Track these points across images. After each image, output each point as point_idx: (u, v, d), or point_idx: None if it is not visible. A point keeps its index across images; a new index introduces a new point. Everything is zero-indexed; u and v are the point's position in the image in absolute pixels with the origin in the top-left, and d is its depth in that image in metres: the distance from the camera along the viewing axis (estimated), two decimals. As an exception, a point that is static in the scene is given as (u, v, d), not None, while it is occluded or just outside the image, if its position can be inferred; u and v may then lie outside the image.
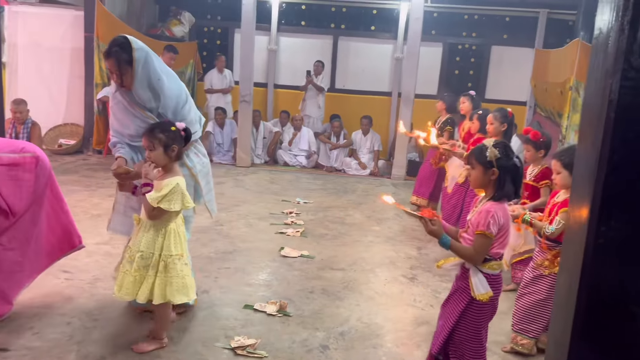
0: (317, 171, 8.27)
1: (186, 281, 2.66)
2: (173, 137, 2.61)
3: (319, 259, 4.33)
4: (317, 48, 10.04)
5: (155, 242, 2.62)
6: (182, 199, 2.60)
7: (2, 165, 2.73)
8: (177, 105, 2.87)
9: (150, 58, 2.77)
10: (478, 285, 2.30)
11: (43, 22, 8.26)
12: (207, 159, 3.22)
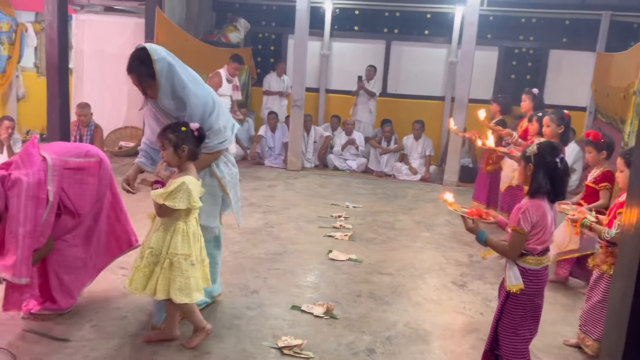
0: (367, 176, 8.25)
1: (190, 282, 2.64)
2: (183, 137, 2.61)
3: (366, 263, 4.32)
4: (370, 53, 10.04)
5: (164, 239, 2.64)
6: (188, 198, 2.58)
7: (69, 169, 2.88)
8: (204, 113, 2.78)
9: (173, 67, 2.70)
10: (511, 277, 2.40)
11: (107, 29, 8.64)
12: (236, 168, 3.14)
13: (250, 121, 9.35)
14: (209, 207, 2.97)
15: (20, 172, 2.72)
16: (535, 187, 2.38)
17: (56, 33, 5.80)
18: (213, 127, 2.82)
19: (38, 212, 2.69)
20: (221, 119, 2.89)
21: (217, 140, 2.87)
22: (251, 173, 7.81)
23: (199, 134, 2.66)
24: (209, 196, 2.94)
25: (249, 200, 6.14)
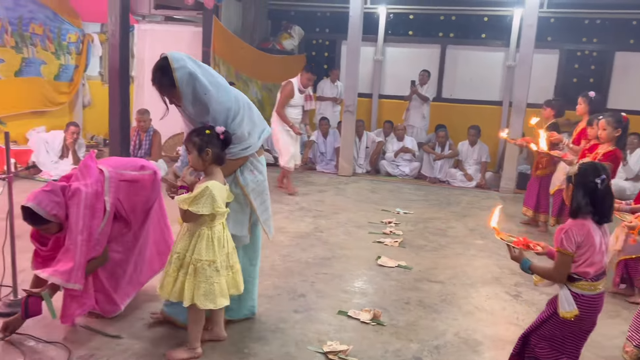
0: (420, 182, 8.12)
1: (214, 288, 2.61)
2: (207, 141, 2.58)
3: (416, 270, 4.24)
4: (424, 57, 9.93)
5: (189, 244, 2.64)
6: (211, 203, 2.54)
7: (124, 181, 2.99)
8: (226, 119, 2.75)
9: (193, 74, 2.63)
10: (563, 301, 2.31)
11: (167, 38, 8.93)
12: (263, 176, 3.02)
13: (303, 127, 9.39)
14: (236, 215, 2.90)
15: (80, 183, 2.84)
16: (575, 207, 2.32)
17: (118, 42, 6.05)
18: (236, 133, 2.76)
19: (94, 221, 2.79)
20: (245, 124, 2.82)
21: (240, 147, 2.80)
22: (302, 178, 7.86)
23: (225, 138, 2.63)
24: (236, 204, 2.88)
25: (300, 204, 6.17)
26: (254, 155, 2.93)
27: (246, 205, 2.94)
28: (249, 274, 3.11)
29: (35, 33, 7.90)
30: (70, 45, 8.66)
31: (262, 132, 2.96)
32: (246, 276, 3.05)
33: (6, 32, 7.34)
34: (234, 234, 2.87)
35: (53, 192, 2.77)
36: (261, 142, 2.95)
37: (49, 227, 2.79)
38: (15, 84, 7.60)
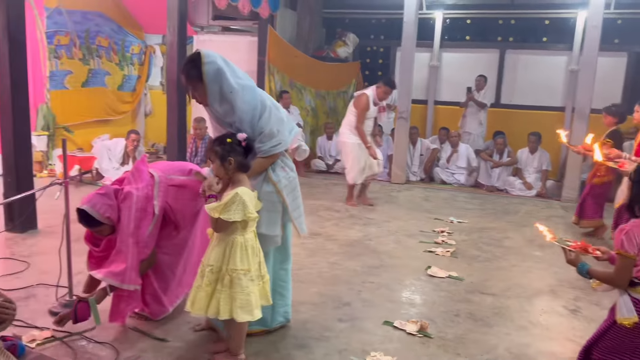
0: (476, 190, 7.89)
1: (250, 298, 2.55)
2: (229, 150, 2.55)
3: (468, 282, 4.10)
4: (482, 63, 9.68)
5: (222, 255, 2.56)
6: (243, 209, 2.49)
7: (173, 185, 3.05)
8: (253, 118, 2.74)
9: (222, 70, 2.65)
10: (622, 307, 2.16)
11: (223, 48, 9.12)
12: (294, 173, 3.00)
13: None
14: (269, 214, 2.86)
15: (132, 186, 2.93)
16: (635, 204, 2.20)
17: (176, 52, 6.23)
18: (264, 131, 2.75)
19: (144, 223, 2.87)
20: (273, 122, 2.80)
21: (270, 144, 2.79)
22: (355, 185, 7.81)
23: (247, 145, 2.59)
24: (268, 202, 2.84)
25: (350, 212, 6.13)
26: (284, 153, 2.93)
27: (278, 203, 2.90)
28: (281, 278, 3.07)
29: (101, 45, 8.30)
30: (133, 57, 9.03)
31: (292, 131, 2.97)
32: (278, 280, 3.03)
33: (75, 45, 7.75)
34: (267, 234, 2.84)
35: (106, 195, 2.86)
36: (291, 140, 2.95)
37: (102, 229, 2.88)
38: (82, 94, 8.00)
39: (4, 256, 4.11)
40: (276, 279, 3.02)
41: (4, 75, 4.54)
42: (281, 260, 3.07)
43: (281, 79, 8.71)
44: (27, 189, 4.21)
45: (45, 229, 4.76)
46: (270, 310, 3.02)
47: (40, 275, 3.73)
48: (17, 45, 4.56)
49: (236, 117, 2.72)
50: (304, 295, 3.64)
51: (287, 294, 3.13)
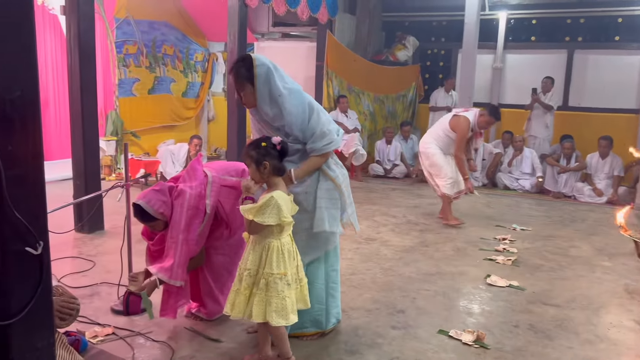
0: (542, 197, 7.57)
1: (286, 303, 2.52)
2: (264, 153, 2.53)
3: (530, 292, 3.93)
4: (548, 64, 9.31)
5: (259, 259, 2.55)
6: (277, 213, 2.47)
7: (226, 186, 3.10)
8: (303, 122, 2.75)
9: (271, 73, 2.69)
10: None
11: (283, 54, 9.27)
12: (345, 170, 3.04)
13: (415, 138, 9.23)
14: (329, 211, 2.88)
15: (186, 184, 3.00)
16: None
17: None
18: (315, 131, 2.77)
19: (195, 221, 2.93)
20: (323, 122, 2.82)
21: (323, 143, 2.79)
22: (413, 191, 7.69)
23: (282, 149, 2.57)
24: (328, 200, 2.87)
25: (407, 217, 6.03)
26: (332, 154, 2.96)
27: (338, 200, 2.93)
28: (332, 279, 3.06)
29: (167, 54, 8.62)
30: (197, 64, 9.32)
31: (338, 132, 2.96)
32: (330, 282, 3.03)
33: (142, 54, 8.08)
34: (331, 232, 2.88)
35: (161, 192, 2.95)
36: (340, 138, 2.95)
37: (156, 224, 2.97)
38: (149, 101, 8.33)
39: (72, 255, 4.33)
40: (328, 280, 3.03)
41: (75, 82, 4.80)
42: (332, 263, 3.07)
43: (339, 83, 8.72)
44: (94, 191, 4.42)
45: (111, 230, 4.98)
46: (325, 313, 3.04)
47: (104, 274, 3.90)
48: (87, 54, 4.81)
49: (285, 121, 2.74)
50: (357, 301, 3.61)
51: (337, 295, 3.14)
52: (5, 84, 1.76)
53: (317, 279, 2.98)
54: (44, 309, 1.94)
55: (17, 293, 1.86)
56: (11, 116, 1.77)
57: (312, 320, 3.01)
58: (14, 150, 1.79)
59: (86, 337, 2.87)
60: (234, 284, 2.66)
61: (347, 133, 8.34)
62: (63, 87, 7.43)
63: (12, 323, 1.84)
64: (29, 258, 1.86)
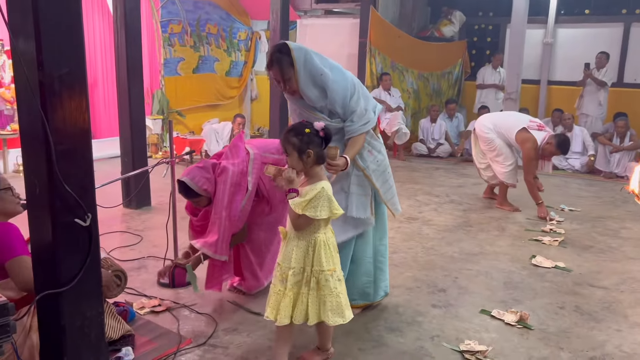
0: (593, 177, 7.31)
1: (341, 300, 2.38)
2: (307, 141, 2.32)
3: (576, 273, 3.82)
4: (603, 38, 8.89)
5: (304, 256, 2.37)
6: (329, 206, 2.31)
7: (266, 163, 3.11)
8: (344, 98, 2.73)
9: (309, 55, 2.68)
10: None
11: (326, 32, 9.21)
12: (382, 155, 2.95)
13: (460, 117, 9.05)
14: (359, 197, 2.88)
15: (228, 161, 3.04)
16: None
17: (279, 37, 6.36)
18: (356, 110, 2.76)
19: (237, 198, 2.97)
20: (362, 101, 2.80)
21: (360, 123, 2.78)
22: (458, 170, 7.56)
23: (325, 135, 2.37)
24: (357, 186, 2.88)
25: (450, 197, 5.95)
26: (372, 134, 2.90)
27: (368, 187, 2.92)
28: (381, 253, 3.10)
29: (211, 33, 8.69)
30: (240, 43, 9.36)
31: (375, 108, 2.92)
32: (378, 256, 3.07)
33: (187, 33, 8.18)
34: (357, 217, 2.87)
35: (205, 169, 3.00)
36: (376, 118, 2.91)
37: (199, 200, 3.03)
38: (193, 80, 8.45)
39: (121, 230, 4.48)
40: (376, 254, 3.07)
41: (122, 62, 4.91)
42: (380, 237, 3.10)
43: (382, 60, 8.60)
44: (141, 168, 4.54)
45: (157, 206, 5.12)
46: (373, 286, 3.10)
47: (151, 248, 4.02)
48: (133, 34, 4.90)
49: (328, 100, 2.74)
50: (398, 280, 3.60)
51: (385, 269, 3.18)
52: (54, 61, 1.82)
53: (365, 253, 3.02)
54: (92, 279, 2.03)
55: (67, 263, 1.94)
56: (60, 92, 1.83)
57: (361, 293, 3.07)
58: (62, 126, 1.85)
59: (134, 308, 2.99)
60: (273, 284, 2.45)
61: (390, 111, 8.25)
62: (111, 67, 7.62)
63: (63, 292, 1.94)
64: (78, 230, 1.94)
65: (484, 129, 5.45)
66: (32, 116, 1.83)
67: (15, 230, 2.27)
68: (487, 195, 5.92)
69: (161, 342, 2.70)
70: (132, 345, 2.60)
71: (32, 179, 1.90)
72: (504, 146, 5.36)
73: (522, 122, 5.29)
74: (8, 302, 1.69)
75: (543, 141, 5.15)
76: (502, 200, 5.54)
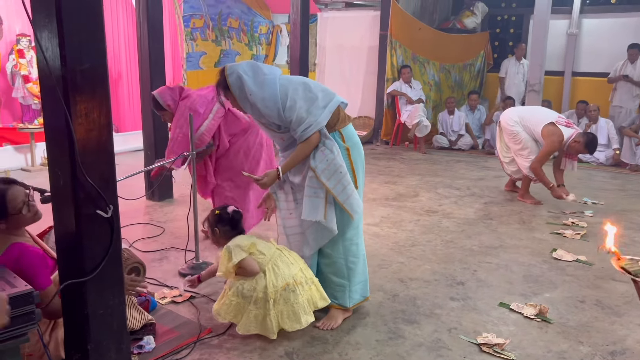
0: (618, 170, 7.18)
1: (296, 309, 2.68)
2: (216, 221, 2.85)
3: (598, 267, 3.78)
4: (631, 29, 8.69)
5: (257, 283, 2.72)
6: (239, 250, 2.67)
7: None
8: (278, 111, 2.68)
9: (241, 78, 2.68)
10: None
11: (346, 24, 9.19)
12: (332, 154, 2.72)
13: (482, 109, 8.95)
14: (310, 199, 2.76)
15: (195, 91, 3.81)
16: None
17: (299, 30, 6.37)
18: (292, 118, 2.67)
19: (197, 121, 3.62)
20: (300, 106, 2.68)
21: (301, 129, 2.67)
22: (479, 162, 7.50)
23: (232, 218, 2.85)
24: (309, 188, 2.76)
25: (471, 190, 5.91)
26: (325, 133, 2.75)
27: (320, 189, 2.76)
28: (352, 254, 2.92)
29: (232, 27, 8.73)
30: (261, 37, 9.39)
31: (328, 105, 2.74)
32: (349, 255, 2.91)
33: (208, 28, 8.24)
34: (307, 220, 2.78)
35: (173, 90, 3.78)
36: (328, 115, 2.73)
37: (165, 114, 3.83)
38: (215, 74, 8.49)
39: (144, 221, 4.56)
40: (347, 254, 2.91)
41: (144, 56, 4.98)
42: (351, 236, 2.92)
43: (403, 53, 8.56)
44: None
45: (179, 198, 5.20)
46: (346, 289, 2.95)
47: (173, 240, 4.09)
48: (156, 28, 4.97)
49: (264, 117, 2.74)
50: (416, 272, 3.60)
51: (360, 270, 2.98)
52: (75, 56, 1.86)
53: (334, 250, 2.90)
54: (114, 269, 2.08)
55: (90, 253, 2.00)
56: (81, 86, 1.88)
57: (335, 295, 2.94)
58: (85, 119, 1.90)
59: (155, 298, 3.05)
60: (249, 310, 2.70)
61: (410, 104, 8.21)
62: (135, 62, 7.73)
63: (87, 281, 1.99)
64: (100, 221, 1.99)
65: (510, 121, 5.37)
66: (55, 110, 1.88)
67: (38, 257, 2.19)
68: (509, 188, 5.87)
69: (182, 331, 2.75)
70: (154, 334, 2.66)
71: (56, 171, 1.96)
72: (529, 140, 5.28)
73: (550, 117, 5.22)
74: (33, 290, 1.75)
75: (570, 138, 5.06)
76: (524, 193, 5.48)
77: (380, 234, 4.34)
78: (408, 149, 8.45)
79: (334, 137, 2.80)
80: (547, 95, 8.44)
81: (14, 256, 2.13)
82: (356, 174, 2.88)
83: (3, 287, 1.74)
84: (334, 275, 2.93)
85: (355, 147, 2.90)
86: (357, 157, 2.91)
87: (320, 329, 2.83)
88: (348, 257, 2.93)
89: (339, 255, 2.91)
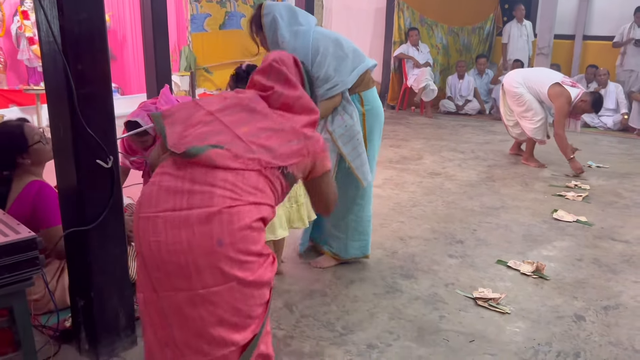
0: (625, 134, 7.13)
1: None
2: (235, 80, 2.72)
3: (598, 227, 3.80)
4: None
5: None
6: None
7: None
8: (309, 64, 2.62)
9: (276, 21, 2.65)
10: None
11: (353, -15, 9.04)
12: (352, 120, 2.76)
13: (490, 73, 8.85)
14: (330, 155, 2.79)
15: None
16: None
17: (304, -9, 6.28)
18: (319, 75, 2.65)
19: None
20: (328, 64, 2.66)
21: (326, 87, 2.66)
22: (485, 127, 7.48)
23: (248, 72, 2.65)
24: None
25: (475, 153, 5.91)
26: (347, 98, 2.75)
27: (333, 152, 2.77)
28: (354, 212, 2.98)
29: (237, -12, 8.62)
30: (267, -1, 9.27)
31: (357, 68, 2.75)
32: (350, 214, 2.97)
33: (213, -11, 8.14)
34: None
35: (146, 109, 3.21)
36: (355, 78, 2.74)
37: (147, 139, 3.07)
38: (220, 36, 8.44)
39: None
40: (349, 212, 2.97)
41: (147, 18, 4.95)
42: (353, 195, 2.95)
43: (411, 15, 8.43)
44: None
45: (184, 160, 5.24)
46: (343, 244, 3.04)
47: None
48: (158, -12, 4.92)
49: None
50: (416, 231, 3.65)
51: (362, 230, 3.04)
52: (73, 7, 1.87)
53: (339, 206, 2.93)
54: (116, 219, 2.13)
55: (92, 203, 2.05)
56: (80, 37, 1.89)
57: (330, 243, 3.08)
58: (83, 70, 1.92)
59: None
60: None
61: (417, 67, 8.13)
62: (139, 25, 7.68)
63: (89, 230, 2.05)
64: (101, 171, 2.04)
65: (514, 83, 5.30)
66: (54, 62, 1.91)
67: (54, 195, 2.28)
68: (514, 151, 5.86)
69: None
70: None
71: (57, 123, 2.00)
72: (533, 101, 5.22)
73: (555, 78, 5.16)
74: (37, 237, 1.81)
75: (577, 98, 5.00)
76: (529, 157, 5.47)
77: (382, 194, 4.37)
78: (414, 113, 8.41)
79: (352, 100, 2.80)
80: (557, 59, 8.31)
81: (33, 191, 2.33)
82: (367, 139, 2.88)
83: (7, 234, 1.80)
84: (333, 228, 3.03)
85: (372, 112, 2.88)
86: (374, 122, 2.90)
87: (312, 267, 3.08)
88: (348, 215, 2.99)
89: (339, 210, 2.90)
